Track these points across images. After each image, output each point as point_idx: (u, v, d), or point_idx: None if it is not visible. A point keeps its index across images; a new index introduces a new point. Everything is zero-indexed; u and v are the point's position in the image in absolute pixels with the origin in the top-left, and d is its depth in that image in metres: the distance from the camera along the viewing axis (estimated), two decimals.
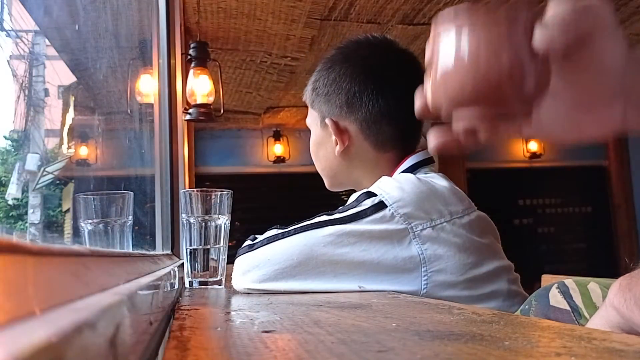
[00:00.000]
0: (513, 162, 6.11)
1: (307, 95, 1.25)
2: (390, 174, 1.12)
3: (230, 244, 1.16)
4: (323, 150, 1.22)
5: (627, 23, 3.45)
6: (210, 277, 1.13)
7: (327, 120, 1.18)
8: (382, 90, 1.15)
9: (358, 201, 1.01)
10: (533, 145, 5.99)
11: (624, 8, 3.24)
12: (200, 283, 1.12)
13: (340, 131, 1.17)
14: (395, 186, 1.01)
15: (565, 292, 0.88)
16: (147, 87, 2.37)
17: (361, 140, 1.17)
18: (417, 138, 1.22)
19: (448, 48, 0.52)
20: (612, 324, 0.59)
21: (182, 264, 1.18)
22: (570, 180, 6.19)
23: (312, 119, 1.25)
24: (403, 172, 1.13)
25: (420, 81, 1.22)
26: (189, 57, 2.89)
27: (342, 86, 1.16)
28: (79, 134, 3.16)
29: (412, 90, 1.34)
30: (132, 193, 1.07)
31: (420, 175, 1.08)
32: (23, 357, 0.16)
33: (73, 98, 3.32)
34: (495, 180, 5.97)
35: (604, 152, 6.18)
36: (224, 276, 1.14)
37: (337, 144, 1.18)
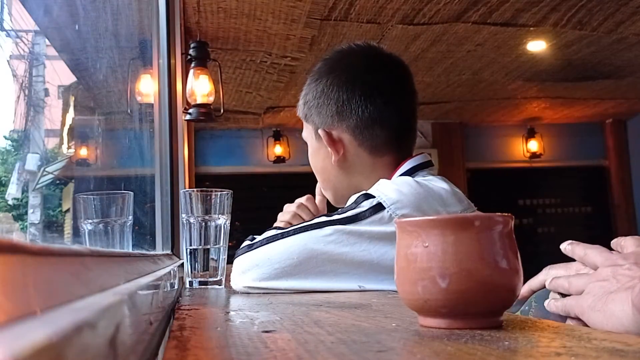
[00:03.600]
0: (513, 162, 6.10)
1: (300, 110, 1.26)
2: (388, 178, 1.12)
3: (230, 244, 1.16)
4: (320, 161, 1.23)
5: (627, 23, 3.45)
6: (210, 277, 1.13)
7: (320, 131, 1.18)
8: (370, 95, 1.15)
9: (357, 202, 1.02)
10: (533, 145, 5.99)
11: (624, 8, 3.23)
12: (200, 283, 1.12)
13: (333, 141, 1.17)
14: (393, 188, 1.01)
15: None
16: (147, 87, 2.36)
17: (355, 147, 1.17)
18: (412, 140, 1.22)
19: None
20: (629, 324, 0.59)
21: (182, 264, 1.18)
22: (570, 180, 6.18)
23: (308, 133, 1.25)
24: (402, 175, 1.13)
25: (406, 84, 1.28)
26: (189, 57, 2.89)
27: (330, 96, 1.17)
28: (79, 134, 3.15)
29: (400, 93, 1.35)
30: (132, 193, 1.07)
31: (419, 178, 1.08)
32: (23, 357, 0.16)
33: (73, 98, 3.31)
34: (495, 180, 5.97)
35: (604, 152, 6.18)
36: (224, 276, 1.14)
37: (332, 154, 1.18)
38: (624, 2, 3.16)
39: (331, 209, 1.31)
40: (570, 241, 0.73)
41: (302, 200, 1.33)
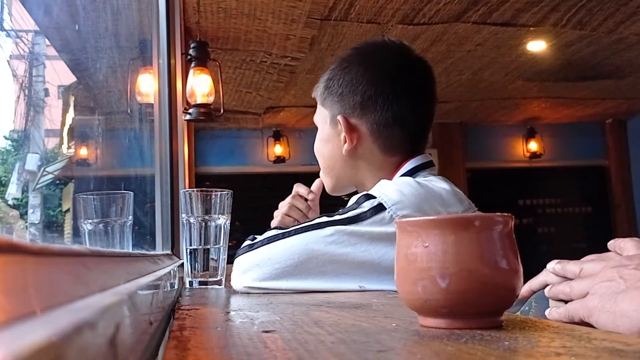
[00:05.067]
0: (513, 162, 6.11)
1: (318, 93, 1.24)
2: (390, 178, 1.12)
3: (230, 244, 1.16)
4: (329, 148, 1.22)
5: (627, 23, 3.45)
6: (210, 277, 1.13)
7: (339, 117, 1.17)
8: (397, 95, 1.15)
9: (358, 203, 1.02)
10: (533, 145, 5.99)
11: (624, 8, 3.23)
12: (200, 283, 1.12)
13: (350, 129, 1.16)
14: (394, 189, 1.01)
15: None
16: (147, 87, 2.36)
17: (370, 142, 1.17)
18: (423, 145, 1.22)
19: None
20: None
21: (182, 264, 1.18)
22: (570, 180, 6.18)
23: (321, 117, 1.24)
24: (403, 175, 1.13)
25: (431, 89, 1.29)
26: (189, 57, 2.89)
27: (357, 88, 1.16)
28: (79, 134, 3.16)
29: (424, 97, 1.35)
30: (132, 193, 1.07)
31: (420, 179, 1.08)
32: (23, 357, 0.16)
33: (73, 98, 3.31)
34: (495, 180, 5.97)
35: (604, 152, 6.18)
36: (224, 276, 1.14)
37: (345, 142, 1.17)
38: (624, 2, 3.16)
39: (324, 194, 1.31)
40: (557, 260, 0.71)
41: (294, 189, 1.35)
